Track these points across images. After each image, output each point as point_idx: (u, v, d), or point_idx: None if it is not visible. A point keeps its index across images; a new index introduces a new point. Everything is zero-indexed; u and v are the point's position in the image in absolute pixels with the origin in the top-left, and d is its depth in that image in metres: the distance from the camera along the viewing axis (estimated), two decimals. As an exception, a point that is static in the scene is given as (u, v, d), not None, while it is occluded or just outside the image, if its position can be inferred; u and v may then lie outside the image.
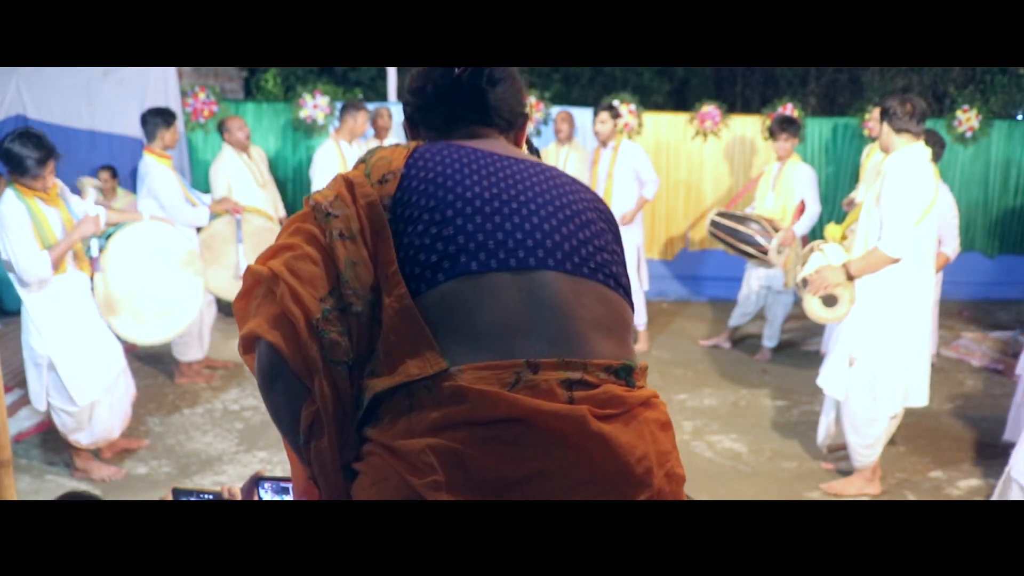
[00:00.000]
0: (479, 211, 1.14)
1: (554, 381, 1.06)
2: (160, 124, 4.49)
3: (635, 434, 1.09)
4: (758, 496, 3.58)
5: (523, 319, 1.09)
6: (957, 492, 3.67)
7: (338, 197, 1.17)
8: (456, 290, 1.09)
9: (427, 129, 1.35)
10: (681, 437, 4.19)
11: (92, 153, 5.80)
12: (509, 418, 1.03)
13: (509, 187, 1.19)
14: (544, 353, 1.07)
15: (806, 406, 4.66)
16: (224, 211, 4.80)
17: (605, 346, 1.13)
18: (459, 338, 1.08)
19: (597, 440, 1.05)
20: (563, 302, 1.11)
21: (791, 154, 5.28)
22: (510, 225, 1.14)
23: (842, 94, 11.36)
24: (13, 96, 5.82)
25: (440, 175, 1.18)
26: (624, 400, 1.10)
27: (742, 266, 5.63)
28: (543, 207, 1.18)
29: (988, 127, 6.96)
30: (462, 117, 1.31)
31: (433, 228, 1.13)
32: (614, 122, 5.54)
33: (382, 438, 1.08)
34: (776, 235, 5.02)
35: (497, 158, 1.24)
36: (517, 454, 1.04)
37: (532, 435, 1.04)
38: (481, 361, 1.06)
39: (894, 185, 3.22)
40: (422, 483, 1.04)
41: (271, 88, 10.17)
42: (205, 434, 4.13)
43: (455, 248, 1.11)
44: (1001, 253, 7.28)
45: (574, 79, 12.21)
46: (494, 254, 1.11)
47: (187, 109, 6.36)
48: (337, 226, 1.13)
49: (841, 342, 3.52)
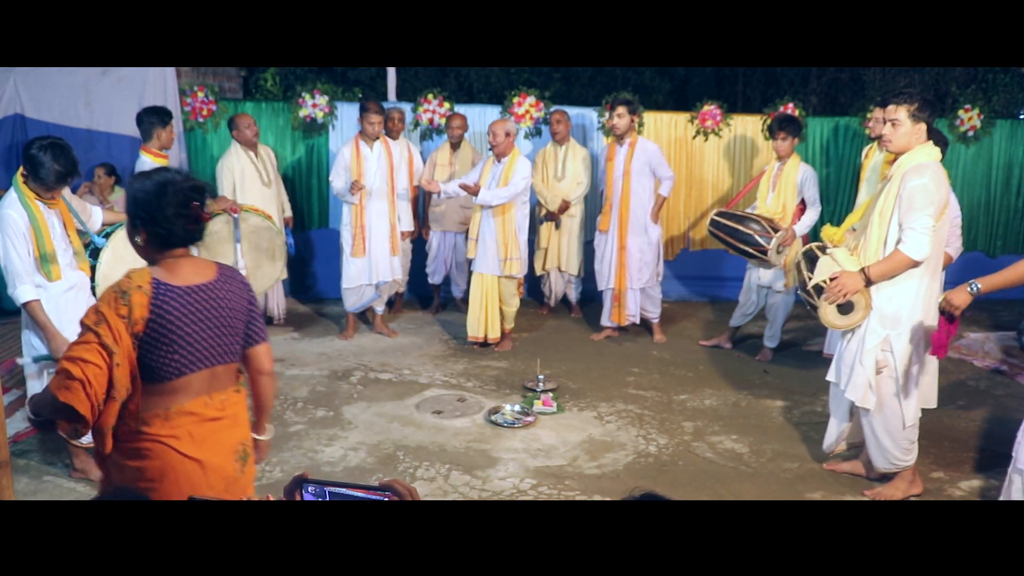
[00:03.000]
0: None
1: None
2: (156, 123, 4.46)
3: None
4: (759, 497, 3.57)
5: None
6: (959, 492, 3.66)
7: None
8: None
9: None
10: (682, 437, 4.18)
11: (90, 152, 5.79)
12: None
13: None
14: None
15: (807, 406, 4.64)
16: (221, 210, 4.79)
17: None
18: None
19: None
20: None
21: (791, 154, 5.27)
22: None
23: (843, 93, 11.36)
24: (11, 95, 5.82)
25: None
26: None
27: (743, 266, 5.62)
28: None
29: (990, 126, 6.95)
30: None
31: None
32: (631, 117, 5.51)
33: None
34: (776, 235, 5.01)
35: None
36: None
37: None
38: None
39: (915, 186, 3.14)
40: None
41: (270, 87, 10.15)
42: (204, 435, 4.12)
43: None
44: (1003, 253, 7.26)
45: (574, 78, 12.19)
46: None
47: (186, 108, 6.35)
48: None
49: (866, 351, 3.37)
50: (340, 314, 6.03)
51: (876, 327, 3.35)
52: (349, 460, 3.85)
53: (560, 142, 6.18)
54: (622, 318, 5.76)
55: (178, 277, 2.02)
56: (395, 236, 5.67)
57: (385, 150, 5.58)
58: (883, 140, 3.36)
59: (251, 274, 4.97)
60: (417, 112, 6.70)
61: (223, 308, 2.09)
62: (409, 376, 5.05)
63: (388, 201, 5.61)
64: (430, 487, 3.58)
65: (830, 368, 3.64)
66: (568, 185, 6.15)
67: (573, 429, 4.27)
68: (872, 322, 3.35)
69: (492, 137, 5.22)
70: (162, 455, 2.01)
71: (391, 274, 5.69)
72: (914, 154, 3.24)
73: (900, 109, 3.22)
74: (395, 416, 4.40)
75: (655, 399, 4.73)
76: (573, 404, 4.63)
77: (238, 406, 2.18)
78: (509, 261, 5.28)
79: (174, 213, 1.98)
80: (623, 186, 5.57)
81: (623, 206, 5.60)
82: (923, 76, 10.20)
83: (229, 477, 2.13)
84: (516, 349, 5.60)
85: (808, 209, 5.27)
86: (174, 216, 1.99)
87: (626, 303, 5.73)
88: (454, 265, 6.41)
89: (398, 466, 3.80)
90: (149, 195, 1.98)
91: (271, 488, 3.54)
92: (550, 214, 6.21)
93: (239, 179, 5.54)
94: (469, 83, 12.05)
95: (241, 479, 2.18)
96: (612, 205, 5.65)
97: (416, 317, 6.45)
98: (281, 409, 4.48)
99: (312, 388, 4.82)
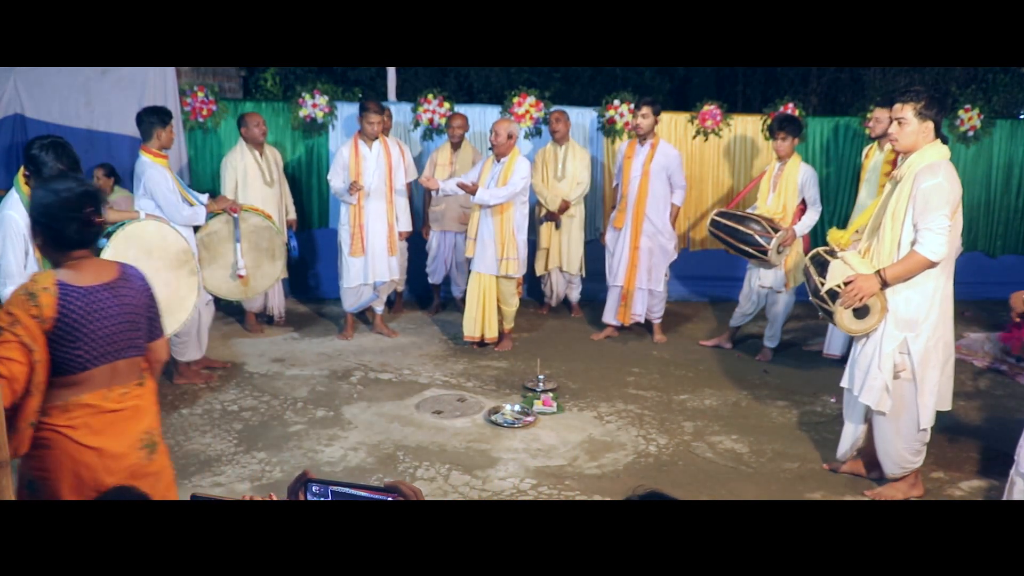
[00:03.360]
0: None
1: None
2: (156, 123, 4.47)
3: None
4: (759, 497, 3.56)
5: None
6: (959, 493, 3.65)
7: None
8: None
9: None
10: (682, 438, 4.18)
11: (90, 152, 5.78)
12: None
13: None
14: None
15: (807, 407, 4.64)
16: (221, 210, 4.79)
17: None
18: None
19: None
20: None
21: (791, 153, 5.26)
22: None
23: (843, 93, 11.36)
24: (11, 95, 5.82)
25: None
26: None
27: (743, 266, 5.62)
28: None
29: (990, 126, 6.94)
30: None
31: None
32: (655, 118, 5.52)
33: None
34: (776, 235, 5.01)
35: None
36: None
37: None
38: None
39: (930, 186, 3.10)
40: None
41: (270, 87, 10.14)
42: (204, 435, 4.12)
43: None
44: (1003, 253, 7.26)
45: (574, 78, 12.18)
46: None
47: (185, 108, 6.35)
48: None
49: (884, 355, 3.30)
50: (340, 314, 6.03)
51: (893, 331, 3.28)
52: (349, 460, 3.85)
53: (560, 142, 6.17)
54: (627, 317, 5.76)
55: (81, 278, 2.18)
56: (393, 236, 5.67)
57: (384, 150, 5.59)
58: (890, 138, 3.32)
59: (251, 274, 4.97)
60: (417, 112, 6.70)
61: (124, 306, 2.24)
62: (409, 376, 5.05)
63: (386, 201, 5.61)
64: (430, 487, 3.58)
65: (843, 374, 3.57)
66: (568, 185, 6.15)
67: (573, 429, 4.27)
68: (888, 326, 3.28)
69: (494, 136, 5.22)
70: (59, 444, 2.15)
71: (388, 274, 5.69)
72: (924, 153, 3.20)
73: (907, 107, 3.18)
74: (395, 416, 4.40)
75: (655, 399, 4.73)
76: (573, 404, 4.63)
77: (141, 399, 2.31)
78: (507, 261, 5.27)
79: (68, 217, 2.16)
80: (640, 186, 5.56)
81: (639, 206, 5.59)
82: (923, 76, 10.20)
83: (133, 466, 2.26)
84: (516, 349, 5.60)
85: (808, 209, 5.27)
86: (68, 220, 2.16)
87: (633, 303, 5.72)
88: (454, 265, 6.41)
89: (398, 466, 3.80)
90: (46, 200, 2.17)
91: (271, 488, 3.54)
92: (550, 214, 6.21)
93: (242, 177, 5.58)
94: (469, 83, 12.05)
95: (150, 467, 2.31)
96: (628, 203, 5.64)
97: (416, 317, 6.45)
98: (281, 409, 4.48)
99: (312, 388, 4.81)
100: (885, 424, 3.41)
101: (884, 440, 3.45)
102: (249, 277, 4.96)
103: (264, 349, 5.54)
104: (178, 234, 4.18)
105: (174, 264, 4.09)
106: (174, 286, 4.07)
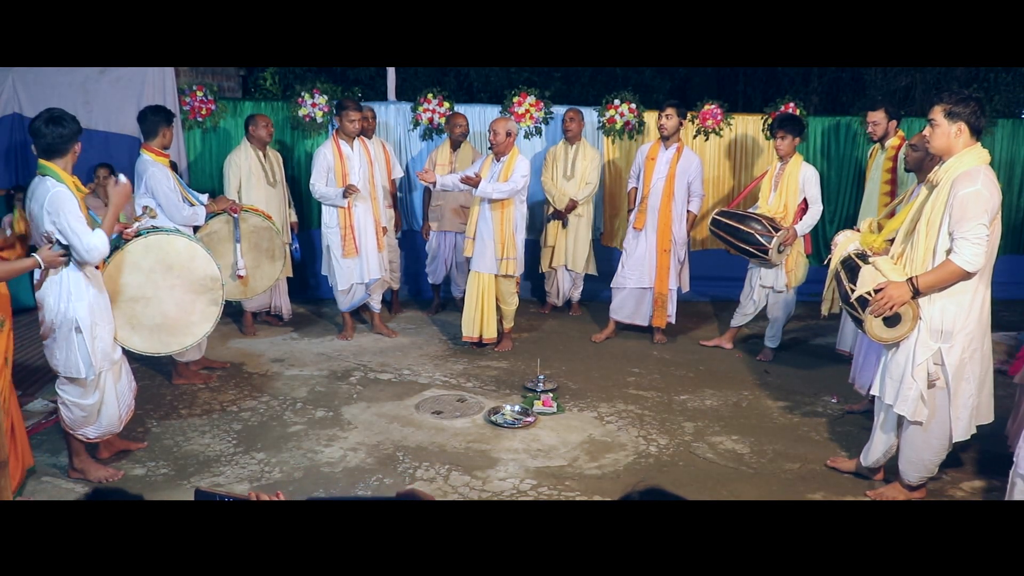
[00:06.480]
0: None
1: None
2: (161, 122, 4.48)
3: None
4: (760, 497, 3.56)
5: None
6: (960, 493, 3.65)
7: None
8: None
9: None
10: (683, 438, 4.17)
11: (89, 152, 5.76)
12: None
13: None
14: None
15: (808, 407, 4.64)
16: (221, 210, 4.79)
17: None
18: None
19: None
20: None
21: (792, 153, 5.25)
22: None
23: (844, 93, 11.34)
24: (9, 95, 5.82)
25: None
26: None
27: (744, 266, 5.61)
28: None
29: (992, 126, 6.93)
30: None
31: None
32: (679, 119, 5.50)
33: None
34: (777, 234, 5.00)
35: None
36: None
37: None
38: None
39: (968, 193, 3.00)
40: None
41: (269, 87, 10.15)
42: (203, 435, 4.11)
43: None
44: (1005, 253, 7.24)
45: (574, 77, 12.17)
46: None
47: (184, 108, 6.34)
48: None
49: (917, 365, 3.20)
50: (339, 314, 6.03)
51: (926, 340, 3.16)
52: (348, 460, 3.85)
53: (572, 140, 6.18)
54: (663, 320, 5.73)
55: None
56: (379, 233, 5.67)
57: (363, 148, 5.58)
58: (924, 141, 3.27)
59: (251, 274, 4.97)
60: (417, 112, 6.69)
61: None
62: (409, 376, 5.04)
63: (371, 199, 5.61)
64: (430, 488, 3.57)
65: (873, 382, 3.50)
66: (576, 184, 6.15)
67: (573, 429, 4.26)
68: (922, 334, 3.17)
69: (492, 135, 5.21)
70: None
71: (380, 271, 5.69)
72: (961, 158, 3.10)
73: (936, 109, 3.11)
74: (395, 416, 4.39)
75: (655, 399, 4.72)
76: (573, 404, 4.62)
77: None
78: (506, 260, 5.26)
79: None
80: (665, 188, 5.52)
81: (664, 208, 5.55)
82: (924, 76, 10.19)
83: None
84: (516, 349, 5.60)
85: (810, 209, 5.26)
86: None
87: (667, 305, 5.71)
88: (454, 265, 6.40)
89: (398, 467, 3.79)
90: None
91: (272, 487, 3.53)
92: (557, 212, 6.20)
93: (245, 176, 5.60)
94: (469, 83, 12.04)
95: None
96: (649, 205, 5.60)
97: (416, 317, 6.45)
98: (280, 409, 4.47)
99: (311, 388, 4.81)
100: (916, 432, 3.32)
101: (912, 448, 3.35)
102: (248, 277, 4.96)
103: (263, 349, 5.54)
104: (211, 260, 4.11)
105: (196, 288, 4.05)
106: (187, 309, 4.03)
